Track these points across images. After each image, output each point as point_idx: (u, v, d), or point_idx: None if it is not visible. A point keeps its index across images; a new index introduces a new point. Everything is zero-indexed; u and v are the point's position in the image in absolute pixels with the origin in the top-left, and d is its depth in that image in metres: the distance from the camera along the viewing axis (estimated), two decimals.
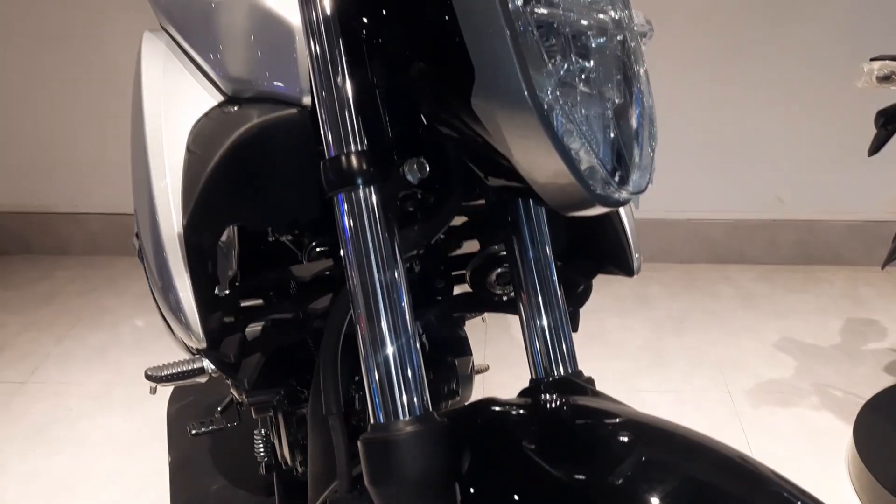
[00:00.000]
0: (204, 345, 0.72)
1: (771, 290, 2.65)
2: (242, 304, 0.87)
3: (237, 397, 1.28)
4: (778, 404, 2.09)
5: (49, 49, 2.66)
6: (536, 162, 0.57)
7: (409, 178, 0.66)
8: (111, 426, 2.06)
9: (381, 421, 0.61)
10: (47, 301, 2.66)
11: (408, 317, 0.63)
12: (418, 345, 0.63)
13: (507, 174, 0.62)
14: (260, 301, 0.94)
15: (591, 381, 0.76)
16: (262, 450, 1.37)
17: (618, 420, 0.65)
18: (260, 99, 0.81)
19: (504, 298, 0.90)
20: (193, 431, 1.32)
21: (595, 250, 0.88)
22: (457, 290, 0.98)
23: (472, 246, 0.95)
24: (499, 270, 0.87)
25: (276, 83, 0.79)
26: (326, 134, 0.64)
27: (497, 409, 0.69)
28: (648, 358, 2.30)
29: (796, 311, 2.52)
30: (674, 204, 2.72)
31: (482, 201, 0.80)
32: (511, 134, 0.56)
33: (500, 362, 1.86)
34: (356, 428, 0.98)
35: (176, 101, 0.85)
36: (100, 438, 2.02)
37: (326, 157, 0.64)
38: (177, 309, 0.72)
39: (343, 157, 0.63)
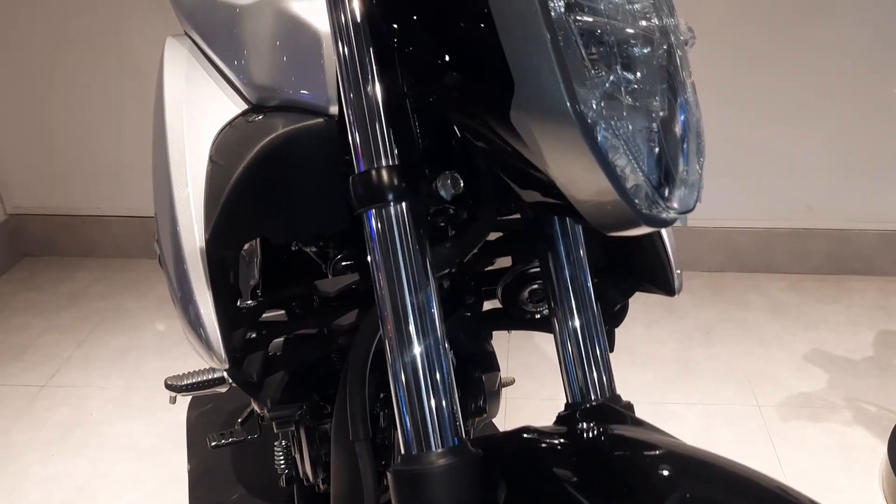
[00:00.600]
0: (226, 365, 0.69)
1: (801, 301, 2.60)
2: (264, 319, 0.84)
3: (258, 410, 1.26)
4: (809, 419, 2.03)
5: (72, 52, 2.65)
6: (578, 179, 0.54)
7: (443, 193, 0.63)
8: (131, 432, 2.05)
9: (413, 452, 0.58)
10: (70, 303, 2.65)
11: (441, 341, 0.60)
12: (452, 372, 0.59)
13: (545, 190, 0.59)
14: (281, 313, 0.91)
15: (629, 406, 0.72)
16: (282, 461, 1.35)
17: (658, 452, 0.61)
18: (285, 108, 0.78)
19: (536, 316, 0.87)
20: (213, 443, 1.30)
21: (632, 268, 0.84)
22: (486, 305, 0.94)
23: (502, 260, 0.91)
24: (532, 287, 0.83)
25: (301, 91, 0.77)
26: (356, 147, 0.61)
27: (532, 438, 0.65)
28: (676, 369, 2.25)
29: (827, 323, 2.46)
30: (701, 211, 2.66)
31: (516, 216, 0.77)
32: (552, 149, 0.53)
33: (524, 373, 1.82)
34: (381, 447, 0.95)
35: (198, 108, 0.83)
36: (119, 444, 2.01)
37: (356, 170, 0.61)
38: (197, 325, 0.69)
39: (373, 172, 0.60)
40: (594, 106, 0.52)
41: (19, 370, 2.30)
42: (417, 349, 0.59)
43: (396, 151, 0.61)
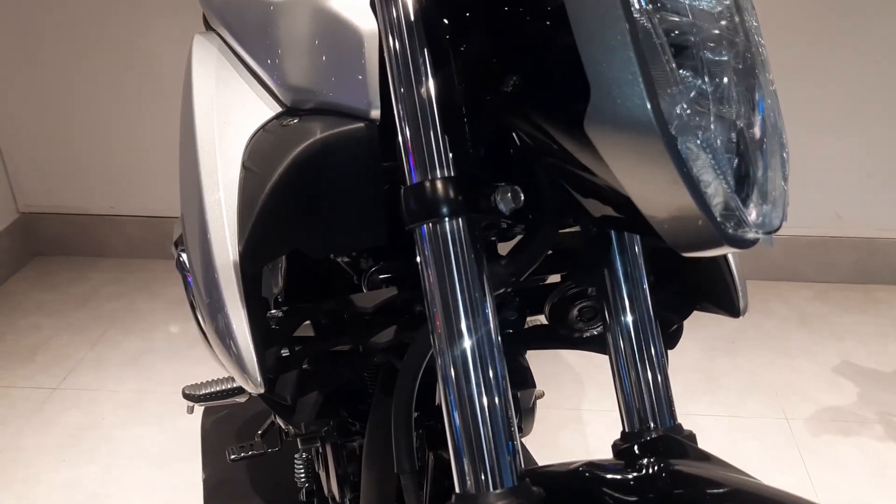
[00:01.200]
0: (262, 390, 0.64)
1: (827, 311, 2.54)
2: (295, 335, 0.79)
3: (280, 424, 1.21)
4: (839, 433, 1.98)
5: (87, 49, 2.62)
6: (658, 195, 0.49)
7: (502, 207, 0.58)
8: (144, 437, 2.01)
9: (470, 490, 0.53)
10: (82, 304, 2.61)
11: (501, 371, 0.55)
12: (512, 404, 0.55)
13: (615, 205, 0.54)
14: (306, 325, 0.86)
15: (692, 436, 0.68)
16: (303, 475, 1.30)
17: (724, 490, 0.58)
18: (322, 111, 0.73)
19: (585, 335, 0.82)
20: (232, 457, 1.26)
21: (690, 285, 0.79)
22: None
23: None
24: (582, 305, 0.78)
25: (341, 94, 0.72)
26: (407, 155, 0.56)
27: (591, 475, 0.61)
28: (699, 380, 2.20)
29: (854, 333, 2.41)
30: None
31: (572, 229, 0.72)
32: (630, 162, 0.48)
33: (545, 383, 1.77)
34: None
35: (230, 111, 0.78)
36: (132, 449, 1.97)
37: (407, 181, 0.57)
38: (229, 344, 0.65)
39: (427, 185, 0.55)
40: (679, 116, 0.47)
41: (31, 372, 2.27)
42: (475, 378, 0.54)
43: (452, 160, 0.56)
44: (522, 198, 0.58)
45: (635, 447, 0.65)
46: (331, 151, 0.69)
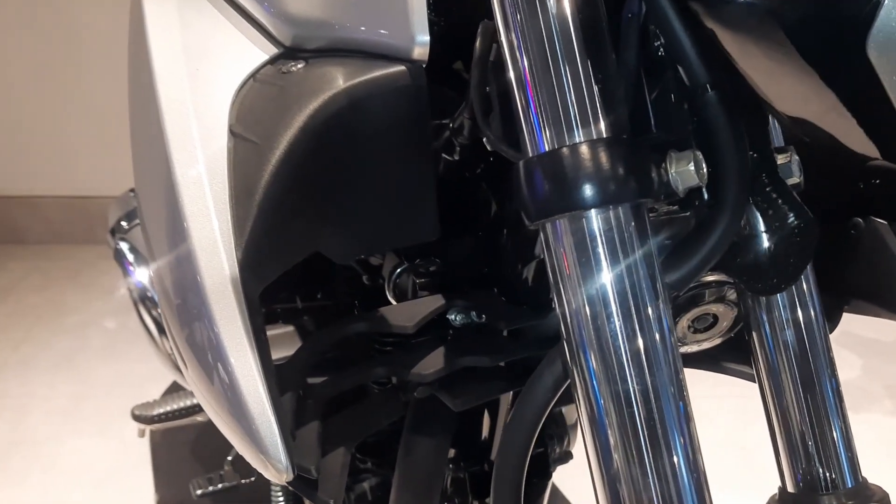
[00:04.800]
0: (291, 476, 0.44)
1: None
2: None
3: None
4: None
5: None
6: None
7: (677, 184, 0.39)
8: (83, 450, 1.83)
9: None
10: (1, 298, 2.43)
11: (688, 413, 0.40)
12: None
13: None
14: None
15: (884, 498, 0.52)
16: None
17: None
18: (339, 50, 0.54)
19: (692, 349, 0.63)
20: (199, 492, 1.05)
21: (841, 282, 0.61)
22: None
23: None
24: (697, 312, 0.59)
25: (368, 23, 0.52)
26: (528, 109, 0.37)
27: None
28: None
29: None
30: None
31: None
32: None
33: None
34: None
35: (204, 55, 0.57)
36: (71, 466, 1.79)
37: (529, 150, 0.37)
38: (239, 416, 0.43)
39: (567, 154, 0.36)
40: None
41: None
42: (661, 425, 0.39)
43: (607, 115, 0.36)
44: (705, 171, 0.39)
45: None
46: (361, 108, 0.49)
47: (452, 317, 0.61)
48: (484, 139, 0.52)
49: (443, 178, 0.59)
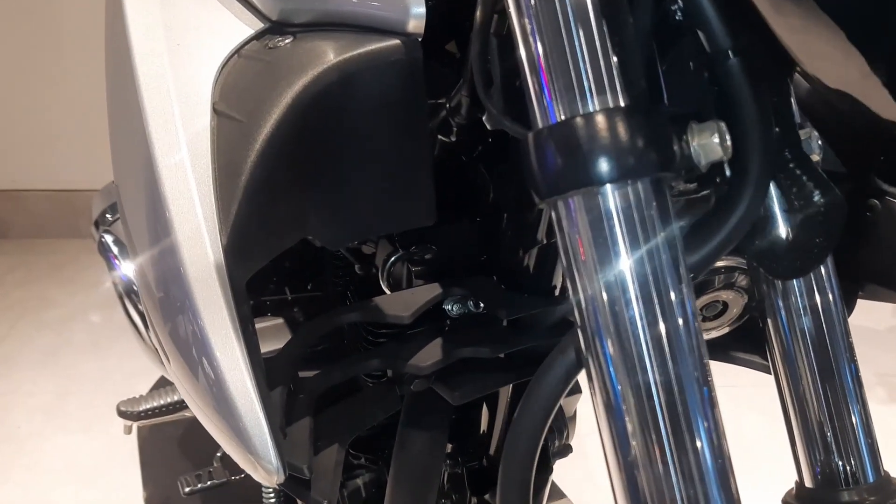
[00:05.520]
0: (283, 477, 0.41)
1: None
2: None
3: None
4: None
5: None
6: None
7: (699, 158, 0.36)
8: (68, 447, 1.80)
9: None
10: None
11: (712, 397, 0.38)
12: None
13: None
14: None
15: None
16: (273, 501, 1.08)
17: None
18: (328, 24, 0.51)
19: (704, 338, 0.60)
20: (187, 489, 1.02)
21: (856, 266, 0.59)
22: None
23: None
24: (706, 299, 0.57)
25: None
26: (538, 77, 0.35)
27: None
28: None
29: None
30: None
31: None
32: None
33: None
34: None
35: (187, 31, 0.54)
36: (55, 463, 1.76)
37: (539, 121, 0.35)
38: (226, 413, 0.40)
39: (581, 124, 0.33)
40: None
41: None
42: (685, 414, 0.36)
43: (623, 83, 0.33)
44: (730, 144, 0.36)
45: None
46: (353, 84, 0.47)
47: (449, 306, 0.59)
48: (484, 117, 0.49)
49: (439, 161, 0.56)
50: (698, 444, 0.36)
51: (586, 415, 0.91)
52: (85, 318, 2.26)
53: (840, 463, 0.48)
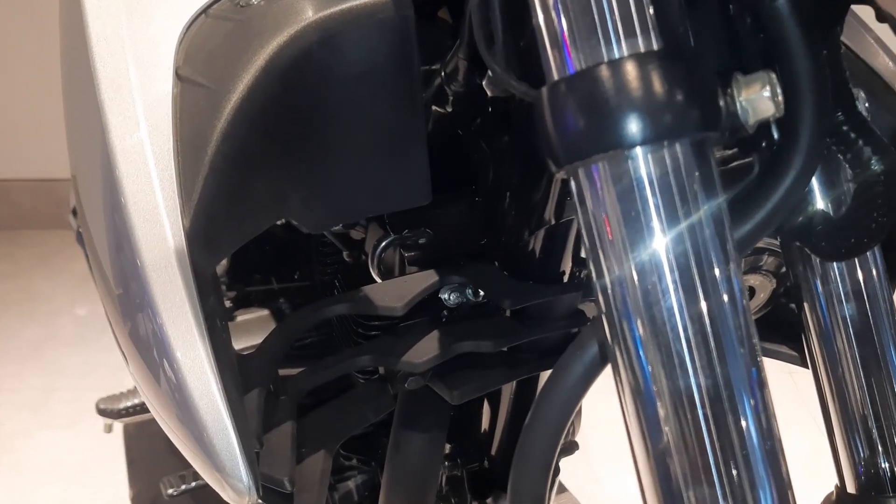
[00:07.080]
0: (253, 499, 0.36)
1: None
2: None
3: None
4: None
5: None
6: None
7: (747, 116, 0.31)
8: (54, 444, 1.78)
9: None
10: None
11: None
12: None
13: None
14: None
15: None
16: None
17: None
18: None
19: None
20: (170, 491, 0.96)
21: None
22: None
23: None
24: None
25: None
26: (547, 14, 0.29)
27: None
28: None
29: None
30: None
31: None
32: None
33: None
34: None
35: None
36: (41, 461, 1.74)
37: (554, 73, 0.30)
38: (187, 421, 0.35)
39: (605, 73, 0.28)
40: None
41: None
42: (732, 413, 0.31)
43: (655, 23, 0.28)
44: (781, 98, 0.30)
45: None
46: (335, 45, 0.42)
47: (446, 296, 0.54)
48: (484, 82, 0.43)
49: (434, 134, 0.51)
50: (743, 423, 0.31)
51: (585, 411, 0.86)
52: (70, 311, 2.23)
53: (886, 465, 0.44)
